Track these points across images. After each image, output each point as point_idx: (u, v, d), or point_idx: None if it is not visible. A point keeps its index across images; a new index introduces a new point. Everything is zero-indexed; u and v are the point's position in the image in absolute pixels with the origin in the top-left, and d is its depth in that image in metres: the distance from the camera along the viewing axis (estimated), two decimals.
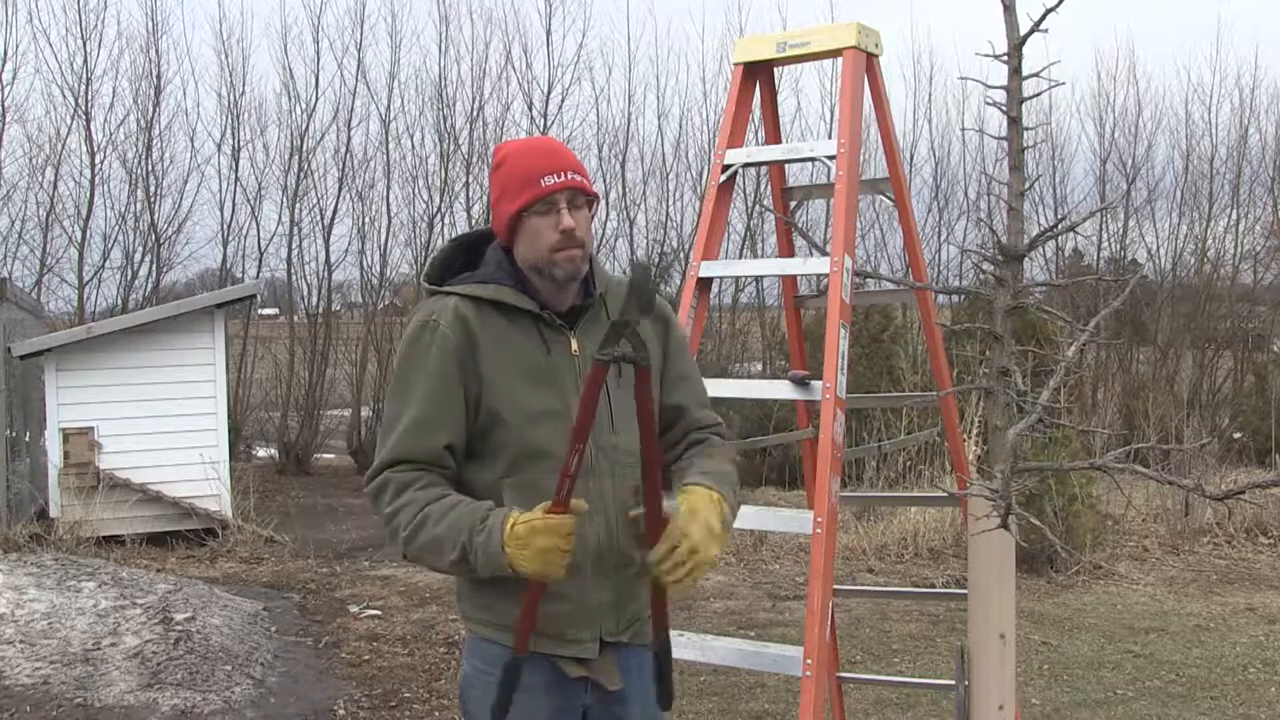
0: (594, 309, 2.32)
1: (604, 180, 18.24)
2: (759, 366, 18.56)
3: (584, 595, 2.22)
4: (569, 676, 2.26)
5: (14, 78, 16.59)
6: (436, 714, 5.36)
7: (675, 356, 2.41)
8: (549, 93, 18.25)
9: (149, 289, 16.87)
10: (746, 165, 3.76)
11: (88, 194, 16.56)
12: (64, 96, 16.49)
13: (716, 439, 2.41)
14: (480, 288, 2.26)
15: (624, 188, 18.44)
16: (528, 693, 2.24)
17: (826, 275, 3.38)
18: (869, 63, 3.55)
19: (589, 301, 2.32)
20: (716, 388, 3.90)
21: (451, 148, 17.98)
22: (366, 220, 17.92)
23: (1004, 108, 2.96)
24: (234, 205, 17.51)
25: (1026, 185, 3.00)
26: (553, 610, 2.19)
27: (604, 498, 2.23)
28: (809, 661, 3.05)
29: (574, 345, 2.28)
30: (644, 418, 2.11)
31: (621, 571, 2.25)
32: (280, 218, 17.69)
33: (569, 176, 2.21)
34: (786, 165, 4.07)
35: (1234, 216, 18.76)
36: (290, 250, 17.71)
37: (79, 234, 16.58)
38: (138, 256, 16.98)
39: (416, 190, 18.11)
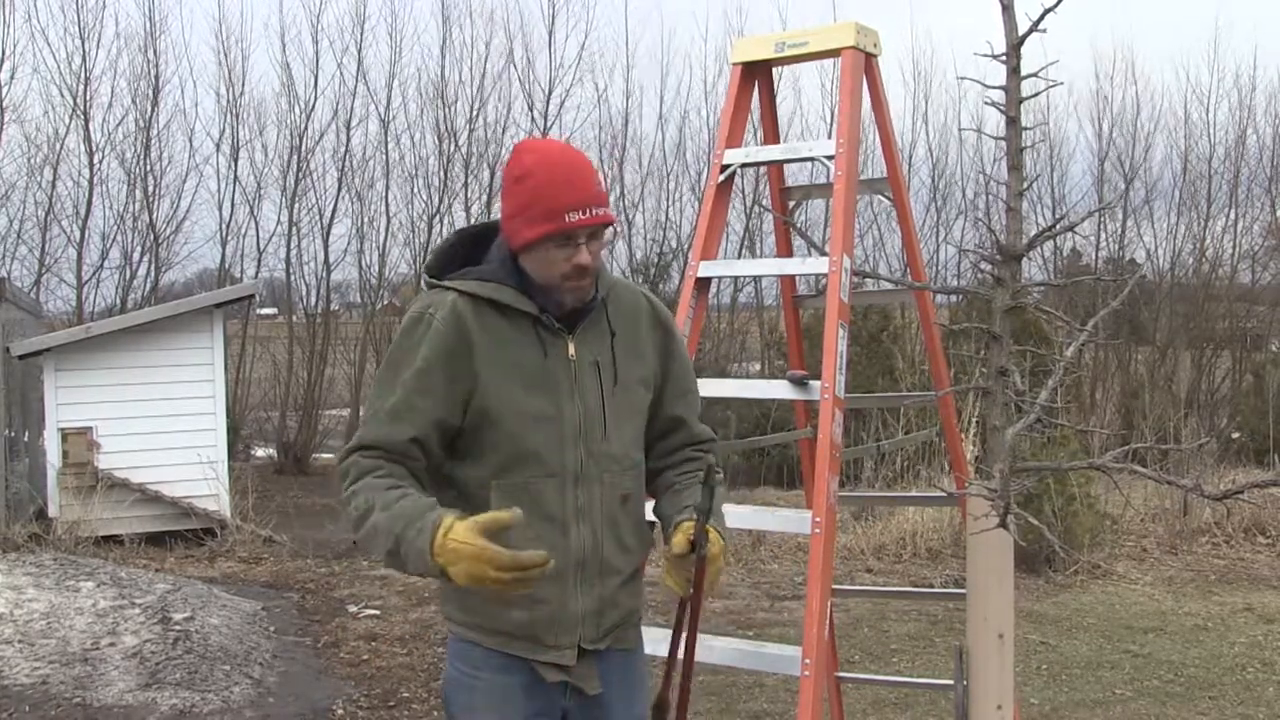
0: (595, 313, 2.28)
1: (604, 181, 18.24)
2: (757, 366, 18.58)
3: (565, 602, 2.20)
4: (547, 680, 2.25)
5: (12, 77, 16.65)
6: (435, 713, 5.36)
7: (676, 367, 2.40)
8: (550, 93, 18.29)
9: (148, 289, 16.90)
10: (745, 165, 3.76)
11: (86, 194, 16.60)
12: (62, 96, 16.54)
13: (711, 458, 2.40)
14: (480, 285, 2.21)
15: (623, 188, 18.49)
16: (507, 694, 2.24)
17: (825, 275, 3.38)
18: (868, 63, 3.55)
19: (590, 305, 2.27)
20: (715, 388, 3.91)
21: (451, 148, 18.02)
22: (365, 220, 17.99)
23: (1002, 108, 2.96)
24: (233, 205, 17.56)
25: (1025, 185, 3.00)
26: (531, 616, 2.18)
27: (592, 504, 2.22)
28: (807, 661, 3.05)
29: (571, 349, 2.24)
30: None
31: (604, 580, 2.23)
32: (279, 218, 17.75)
33: (593, 212, 2.15)
34: (785, 165, 4.07)
35: (1232, 216, 18.83)
36: (289, 250, 17.75)
37: (77, 234, 16.64)
38: (136, 256, 17.04)
39: (415, 190, 18.17)
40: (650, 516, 2.40)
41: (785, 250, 4.19)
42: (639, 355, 2.33)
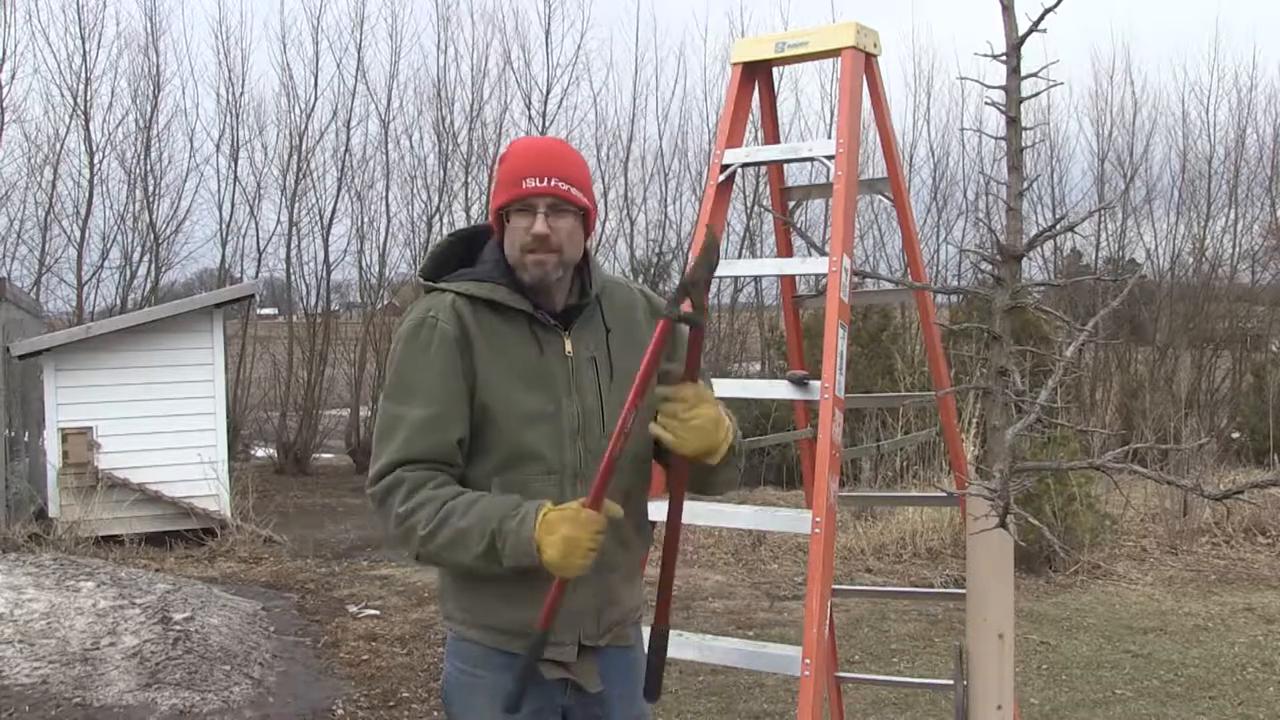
0: (589, 309, 2.30)
1: (603, 181, 18.24)
2: (757, 366, 18.57)
3: (566, 598, 2.20)
4: (547, 678, 2.25)
5: (13, 77, 16.62)
6: (435, 714, 5.36)
7: (676, 351, 2.40)
8: (548, 93, 18.27)
9: (148, 289, 16.89)
10: (745, 165, 3.76)
11: (86, 194, 16.58)
12: (63, 96, 16.52)
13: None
14: (475, 286, 2.24)
15: (625, 187, 18.47)
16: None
17: (825, 275, 3.38)
18: (868, 63, 3.55)
19: (584, 301, 2.29)
20: (715, 387, 3.90)
21: (450, 148, 18.00)
22: (365, 220, 17.96)
23: (1003, 108, 2.96)
24: (233, 205, 17.54)
25: (1025, 185, 3.00)
26: (532, 613, 2.18)
27: None
28: (808, 661, 3.05)
29: (568, 346, 2.26)
30: (649, 366, 2.10)
31: (604, 576, 2.22)
32: (279, 217, 17.72)
33: (551, 183, 2.18)
34: (785, 165, 4.07)
35: (1232, 216, 18.81)
36: (289, 250, 17.73)
37: (78, 234, 16.62)
38: (136, 256, 17.02)
39: (415, 190, 18.14)
40: (652, 516, 2.40)
41: (785, 250, 4.19)
42: (637, 350, 2.33)
